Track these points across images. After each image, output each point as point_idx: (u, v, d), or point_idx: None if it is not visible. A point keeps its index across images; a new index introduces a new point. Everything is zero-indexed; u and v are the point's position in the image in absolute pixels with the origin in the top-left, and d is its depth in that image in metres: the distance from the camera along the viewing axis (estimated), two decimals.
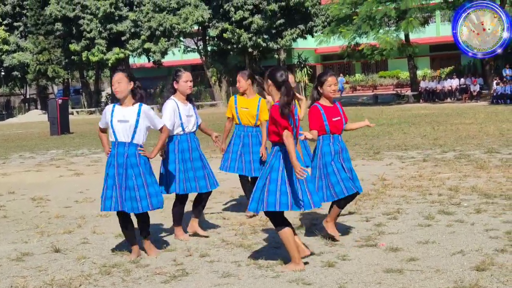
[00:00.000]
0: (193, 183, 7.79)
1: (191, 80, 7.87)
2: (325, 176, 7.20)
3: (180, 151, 7.76)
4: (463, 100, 41.18)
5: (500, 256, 6.37)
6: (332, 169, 7.19)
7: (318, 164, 7.27)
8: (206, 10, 53.76)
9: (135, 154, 6.93)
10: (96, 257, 7.23)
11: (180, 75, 7.81)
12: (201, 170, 7.87)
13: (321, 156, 7.23)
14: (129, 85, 7.05)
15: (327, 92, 7.24)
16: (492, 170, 11.76)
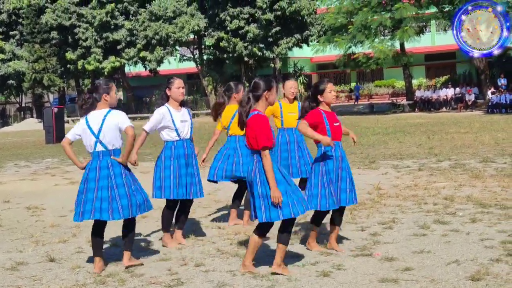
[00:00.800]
0: (184, 189, 7.84)
1: (183, 87, 7.95)
2: (327, 183, 7.13)
3: (176, 157, 7.78)
4: (458, 110, 41.25)
5: (495, 265, 6.38)
6: (334, 176, 7.15)
7: (320, 170, 7.17)
8: (202, 19, 53.88)
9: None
10: (91, 266, 7.20)
11: (172, 81, 7.90)
12: (194, 176, 7.92)
13: (324, 163, 7.17)
14: None
15: (329, 99, 7.24)
16: (487, 180, 11.78)
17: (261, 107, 6.48)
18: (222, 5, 52.82)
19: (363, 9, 40.68)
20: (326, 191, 7.12)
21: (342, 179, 7.23)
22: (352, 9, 41.75)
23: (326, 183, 7.13)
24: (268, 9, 51.05)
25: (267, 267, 6.76)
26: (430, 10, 42.79)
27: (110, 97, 7.03)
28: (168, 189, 7.77)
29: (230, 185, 12.81)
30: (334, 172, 7.15)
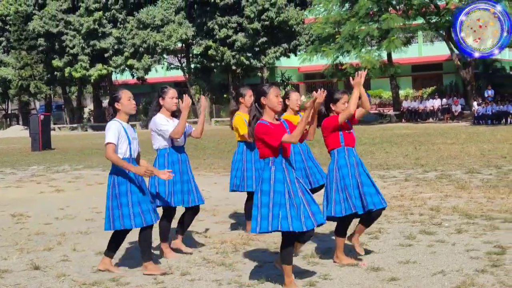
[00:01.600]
0: (180, 196, 7.75)
1: (177, 97, 7.84)
2: (342, 189, 7.03)
3: (170, 164, 7.72)
4: (444, 120, 41.45)
5: (481, 276, 6.39)
6: (349, 182, 7.04)
7: (334, 177, 7.08)
8: (190, 28, 53.90)
9: None
10: (76, 274, 7.17)
11: (166, 91, 7.79)
12: (189, 183, 7.85)
13: (338, 169, 7.07)
14: None
15: (341, 110, 7.15)
16: (473, 191, 11.82)
17: (267, 116, 6.27)
18: (210, 14, 52.87)
19: (351, 19, 40.85)
20: (341, 196, 7.02)
21: (363, 184, 7.07)
22: (340, 19, 41.92)
23: (340, 188, 7.02)
24: (256, 18, 51.16)
25: (253, 273, 6.75)
26: (417, 21, 43.05)
27: (121, 104, 7.08)
28: (164, 197, 7.72)
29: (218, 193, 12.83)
30: (350, 178, 7.04)
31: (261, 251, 7.92)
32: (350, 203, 7.00)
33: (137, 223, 6.91)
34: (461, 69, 41.28)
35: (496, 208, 9.97)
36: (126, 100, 7.08)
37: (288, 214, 6.07)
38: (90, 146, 31.14)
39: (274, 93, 6.23)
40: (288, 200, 6.12)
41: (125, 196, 6.92)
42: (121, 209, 6.92)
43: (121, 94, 7.10)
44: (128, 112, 7.12)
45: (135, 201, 6.92)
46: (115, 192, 6.97)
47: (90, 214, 11.18)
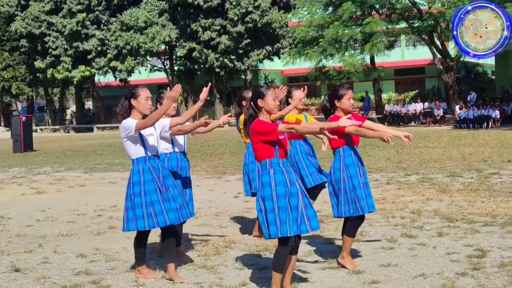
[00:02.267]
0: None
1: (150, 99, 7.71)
2: (350, 189, 6.92)
3: (170, 169, 7.52)
4: (427, 124, 41.64)
5: (461, 279, 6.43)
6: (358, 182, 6.93)
7: (341, 176, 6.97)
8: (173, 30, 53.82)
9: None
10: (57, 277, 7.14)
11: (162, 96, 7.69)
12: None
13: (345, 168, 6.96)
14: None
15: (346, 106, 7.04)
16: (454, 194, 11.88)
17: (263, 117, 6.07)
18: (194, 16, 52.82)
19: (334, 23, 40.94)
20: (349, 196, 6.93)
21: (367, 185, 7.03)
22: (323, 22, 42.01)
23: (349, 189, 6.93)
24: (239, 21, 51.17)
25: (233, 277, 6.75)
26: (400, 25, 43.24)
27: (137, 102, 6.83)
28: None
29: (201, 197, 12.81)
30: (358, 178, 6.95)
31: (243, 254, 7.92)
32: (358, 205, 6.92)
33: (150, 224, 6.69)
34: (444, 73, 41.50)
35: (477, 212, 10.02)
36: (144, 99, 6.83)
37: (288, 217, 5.91)
38: (72, 148, 31.01)
39: (272, 96, 6.06)
40: (289, 202, 5.97)
41: (139, 196, 6.72)
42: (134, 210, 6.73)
43: (140, 92, 6.85)
44: (142, 112, 6.83)
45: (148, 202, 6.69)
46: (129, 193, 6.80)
47: (71, 216, 11.13)
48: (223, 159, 20.11)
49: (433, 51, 41.69)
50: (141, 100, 6.84)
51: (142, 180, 6.71)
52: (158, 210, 6.66)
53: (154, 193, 6.69)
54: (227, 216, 10.72)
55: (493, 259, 7.15)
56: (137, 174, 6.75)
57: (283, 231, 5.85)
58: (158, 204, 6.68)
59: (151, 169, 6.76)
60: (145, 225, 6.67)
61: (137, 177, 6.73)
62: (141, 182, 6.71)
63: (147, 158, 6.79)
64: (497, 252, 7.44)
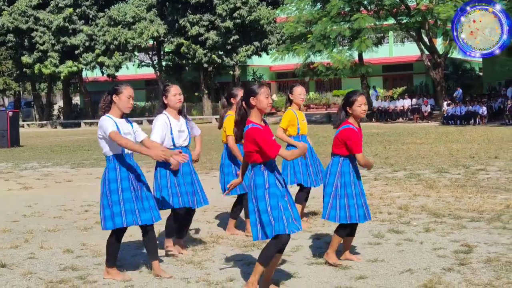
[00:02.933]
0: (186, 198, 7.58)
1: (180, 93, 7.67)
2: (341, 196, 6.89)
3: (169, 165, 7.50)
4: (414, 120, 41.74)
5: (448, 274, 6.45)
6: (351, 191, 6.89)
7: (335, 182, 6.93)
8: (161, 25, 53.70)
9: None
10: (43, 272, 7.11)
11: (168, 89, 7.66)
12: (194, 185, 7.69)
13: (340, 175, 6.93)
14: None
15: (358, 113, 6.92)
16: (441, 190, 11.92)
17: (255, 117, 5.97)
18: (182, 12, 52.72)
19: (323, 19, 40.95)
20: (338, 203, 6.89)
21: (363, 194, 7.02)
22: (312, 18, 42.02)
23: (339, 195, 6.90)
24: (228, 16, 51.10)
25: (221, 273, 6.74)
26: (388, 21, 43.30)
27: (119, 98, 6.73)
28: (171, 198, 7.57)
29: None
30: (352, 187, 6.89)
31: (230, 249, 7.92)
32: (347, 213, 6.88)
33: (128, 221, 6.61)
34: (431, 69, 41.62)
35: (464, 208, 10.06)
36: (126, 96, 6.72)
37: (284, 216, 5.88)
38: (59, 143, 30.89)
39: (265, 94, 5.97)
40: (284, 203, 5.94)
41: (116, 193, 6.62)
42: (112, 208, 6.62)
43: (123, 89, 6.73)
44: (122, 110, 6.72)
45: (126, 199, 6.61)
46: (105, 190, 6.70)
47: (58, 212, 11.09)
48: (211, 155, 20.10)
49: (421, 48, 41.79)
50: (123, 97, 6.72)
51: (119, 177, 6.63)
52: (132, 209, 6.60)
53: (128, 191, 6.62)
54: (214, 212, 10.71)
55: (480, 254, 7.18)
56: (113, 170, 6.65)
57: (279, 229, 5.83)
58: (133, 203, 6.61)
59: (127, 167, 6.69)
60: (123, 222, 6.58)
61: (113, 174, 6.64)
62: (118, 179, 6.62)
63: (124, 156, 6.70)
64: (483, 248, 7.47)
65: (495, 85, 43.13)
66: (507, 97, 37.80)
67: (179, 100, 7.62)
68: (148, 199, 6.77)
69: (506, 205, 10.08)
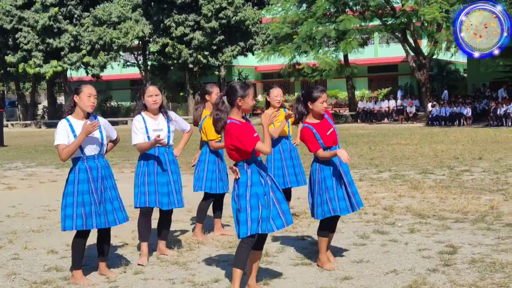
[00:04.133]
0: (154, 198, 7.49)
1: (157, 94, 7.55)
2: (323, 190, 6.85)
3: (146, 164, 7.49)
4: (399, 121, 41.89)
5: (432, 275, 6.47)
6: (331, 184, 6.84)
7: (317, 178, 6.91)
8: (146, 25, 53.56)
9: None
10: (27, 273, 7.07)
11: (145, 90, 7.58)
12: (165, 186, 7.55)
13: (320, 169, 6.89)
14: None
15: (319, 110, 6.88)
16: (426, 191, 11.96)
17: (235, 115, 5.95)
18: (167, 12, 52.62)
19: (308, 19, 41.00)
20: (322, 198, 6.86)
21: (349, 183, 6.95)
22: (298, 19, 42.06)
23: (322, 190, 6.86)
24: (213, 17, 51.06)
25: (206, 273, 6.73)
26: (373, 22, 43.43)
27: (79, 98, 6.66)
28: (136, 197, 7.55)
29: None
30: (332, 179, 6.85)
31: (215, 250, 7.90)
32: (330, 206, 6.85)
33: (78, 225, 6.56)
34: (416, 71, 41.77)
35: (448, 208, 10.10)
36: (86, 95, 6.63)
37: (260, 216, 5.86)
38: (43, 143, 30.72)
39: (252, 96, 5.98)
40: (264, 201, 5.90)
41: (71, 196, 6.61)
42: (65, 209, 6.62)
43: (83, 88, 6.66)
44: (84, 109, 6.66)
45: (80, 202, 6.57)
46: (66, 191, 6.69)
47: (42, 212, 11.03)
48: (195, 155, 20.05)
49: (406, 49, 41.93)
50: (83, 96, 6.66)
51: (77, 180, 6.60)
52: (88, 212, 6.55)
53: (86, 194, 6.58)
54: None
55: (464, 255, 7.21)
56: (72, 173, 6.65)
57: (252, 229, 5.83)
58: (89, 206, 6.56)
59: (87, 169, 6.62)
60: (72, 225, 6.54)
61: (72, 176, 6.63)
62: (75, 181, 6.60)
63: (84, 158, 6.64)
64: (468, 249, 7.50)
65: (479, 86, 43.35)
66: (491, 99, 38.02)
67: (154, 102, 7.48)
68: (113, 201, 6.75)
69: (490, 206, 10.13)
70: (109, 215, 6.71)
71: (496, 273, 6.48)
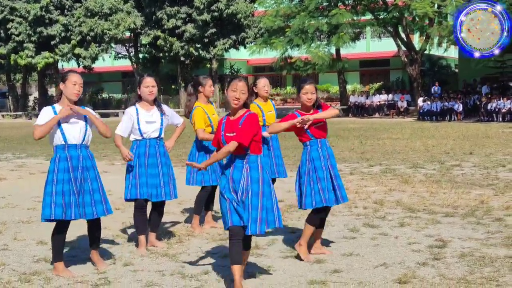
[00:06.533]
0: (145, 189, 7.52)
1: (154, 85, 7.58)
2: (314, 181, 6.92)
3: (137, 156, 7.52)
4: (390, 116, 41.94)
5: (422, 269, 6.48)
6: (322, 175, 6.93)
7: (307, 169, 6.97)
8: (138, 17, 53.38)
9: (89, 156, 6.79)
10: (16, 264, 7.04)
11: (141, 80, 7.62)
12: (156, 178, 7.56)
13: (310, 161, 6.96)
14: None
15: (303, 100, 6.98)
16: (417, 185, 11.98)
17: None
18: (159, 4, 52.45)
19: (301, 13, 40.96)
20: (312, 188, 6.93)
21: (336, 177, 7.03)
22: (290, 12, 42.01)
23: (313, 181, 6.93)
24: (205, 9, 50.94)
25: (196, 266, 6.73)
26: (365, 17, 43.41)
27: (65, 86, 6.67)
28: (127, 189, 7.60)
29: None
30: (323, 171, 6.94)
31: (205, 242, 7.90)
32: (322, 196, 6.92)
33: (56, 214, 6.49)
34: (408, 65, 41.80)
35: (438, 203, 10.12)
36: (71, 83, 6.63)
37: (228, 209, 5.84)
38: None
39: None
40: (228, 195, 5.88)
41: (50, 184, 6.58)
42: (44, 199, 6.59)
43: (68, 76, 6.70)
44: (69, 97, 6.61)
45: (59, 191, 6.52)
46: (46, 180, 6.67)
47: (32, 203, 10.99)
48: (187, 148, 20.03)
49: (398, 43, 41.94)
50: (69, 84, 6.65)
51: (56, 169, 6.57)
52: (67, 202, 6.50)
53: (66, 183, 6.53)
54: (190, 205, 10.67)
55: (454, 249, 7.23)
56: (53, 162, 6.65)
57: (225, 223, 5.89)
58: (68, 196, 6.52)
59: (67, 158, 6.58)
60: (51, 213, 6.48)
61: (52, 165, 6.62)
62: (54, 170, 6.57)
63: (66, 147, 6.61)
64: (457, 243, 7.52)
65: (470, 81, 43.44)
66: (482, 94, 38.14)
67: (150, 92, 7.54)
68: (93, 193, 6.69)
69: (480, 200, 10.16)
70: (87, 207, 6.64)
71: (486, 267, 6.49)
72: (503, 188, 11.39)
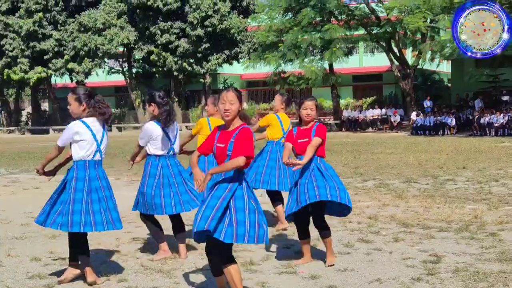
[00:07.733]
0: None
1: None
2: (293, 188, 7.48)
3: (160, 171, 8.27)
4: (384, 130, 42.02)
5: (416, 284, 6.48)
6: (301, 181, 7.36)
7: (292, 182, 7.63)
8: (132, 32, 53.45)
9: None
10: (10, 281, 7.01)
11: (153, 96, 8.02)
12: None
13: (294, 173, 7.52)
14: None
15: (301, 115, 7.46)
16: (410, 200, 11.99)
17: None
18: (153, 19, 52.55)
19: (294, 28, 41.12)
20: (291, 197, 7.42)
21: (316, 180, 7.34)
22: (283, 27, 42.17)
23: (292, 190, 7.46)
24: (199, 24, 51.06)
25: (190, 282, 6.71)
26: (358, 31, 43.60)
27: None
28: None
29: None
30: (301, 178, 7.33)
31: (199, 258, 7.88)
32: (298, 201, 7.26)
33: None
34: (401, 80, 41.94)
35: (432, 217, 10.13)
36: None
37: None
38: (27, 150, 30.58)
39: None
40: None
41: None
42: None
43: None
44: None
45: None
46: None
47: (25, 219, 10.95)
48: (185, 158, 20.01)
49: (390, 58, 42.11)
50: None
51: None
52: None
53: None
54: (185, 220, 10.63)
55: (448, 264, 7.23)
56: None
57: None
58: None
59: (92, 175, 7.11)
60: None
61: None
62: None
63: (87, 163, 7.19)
64: (451, 258, 7.52)
65: (463, 96, 43.60)
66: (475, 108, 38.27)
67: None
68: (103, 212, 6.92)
69: (474, 215, 10.17)
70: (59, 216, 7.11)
71: (480, 282, 6.50)
72: (496, 203, 11.40)
